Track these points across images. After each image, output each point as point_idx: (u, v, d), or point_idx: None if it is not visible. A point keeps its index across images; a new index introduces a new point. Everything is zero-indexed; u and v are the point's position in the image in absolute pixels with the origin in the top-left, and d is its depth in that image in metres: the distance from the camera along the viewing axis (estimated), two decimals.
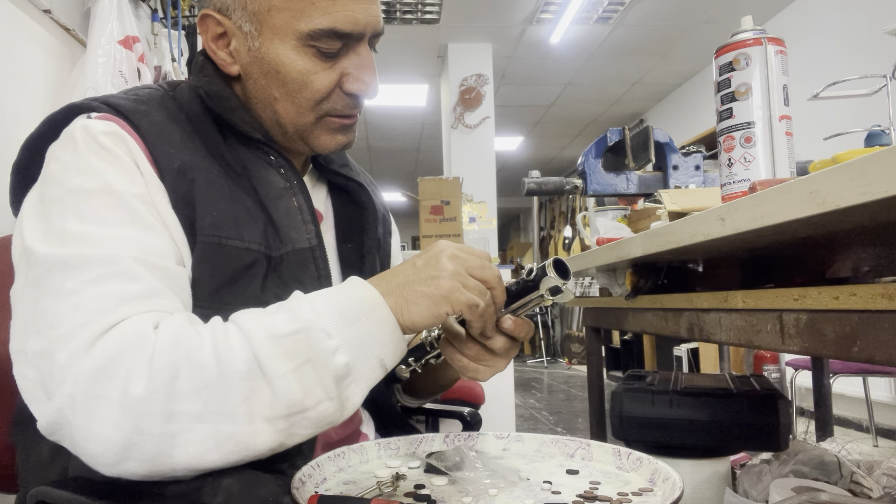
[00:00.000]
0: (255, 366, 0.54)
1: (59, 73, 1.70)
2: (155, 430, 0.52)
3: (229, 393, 0.53)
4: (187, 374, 0.53)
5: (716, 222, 0.65)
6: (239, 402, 0.53)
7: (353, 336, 0.57)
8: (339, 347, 0.56)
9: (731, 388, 1.17)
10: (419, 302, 0.59)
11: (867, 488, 1.00)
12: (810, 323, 0.61)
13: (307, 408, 0.55)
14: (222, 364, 0.53)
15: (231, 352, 0.54)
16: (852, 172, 0.43)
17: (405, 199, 3.79)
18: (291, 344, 0.55)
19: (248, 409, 0.54)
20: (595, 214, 1.63)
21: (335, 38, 0.68)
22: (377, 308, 0.59)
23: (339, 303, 0.58)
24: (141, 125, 0.66)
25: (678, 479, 0.59)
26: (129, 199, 0.61)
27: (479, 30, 4.89)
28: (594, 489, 0.63)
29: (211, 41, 0.72)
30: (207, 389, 0.53)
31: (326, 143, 0.75)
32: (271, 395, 0.54)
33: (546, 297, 0.64)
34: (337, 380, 0.56)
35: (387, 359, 0.60)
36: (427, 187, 3.18)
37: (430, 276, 0.60)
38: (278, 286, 0.69)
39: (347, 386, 0.57)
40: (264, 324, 0.56)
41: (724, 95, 0.84)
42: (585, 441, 0.75)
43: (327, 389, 0.56)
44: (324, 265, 0.73)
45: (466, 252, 0.63)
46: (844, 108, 3.39)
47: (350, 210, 0.85)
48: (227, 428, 0.53)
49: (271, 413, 0.54)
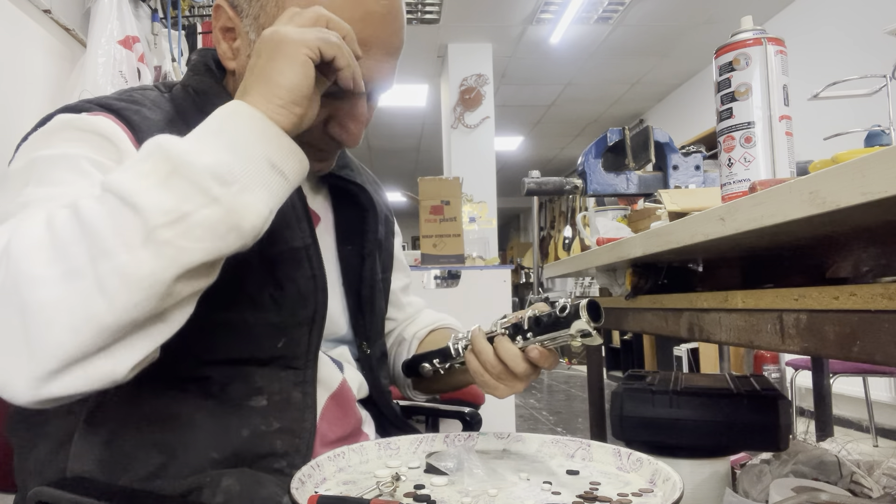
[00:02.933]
0: (112, 198, 0.49)
1: (59, 73, 1.70)
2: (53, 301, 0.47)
3: (95, 238, 0.48)
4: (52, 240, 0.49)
5: (716, 222, 0.65)
6: (106, 238, 0.48)
7: (221, 144, 0.52)
8: (203, 151, 0.51)
9: (731, 388, 1.17)
10: (279, 70, 0.54)
11: (867, 488, 1.00)
12: (810, 323, 0.61)
13: (187, 213, 0.49)
14: (81, 217, 0.49)
15: (86, 203, 0.50)
16: (852, 172, 0.43)
17: (405, 199, 3.79)
18: (149, 165, 0.50)
19: (121, 241, 0.48)
20: (595, 214, 1.63)
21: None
22: (238, 112, 0.54)
23: (198, 128, 0.54)
24: (132, 119, 0.66)
25: (678, 479, 0.59)
26: (85, 165, 0.61)
27: (479, 30, 4.88)
28: (594, 490, 0.63)
29: (219, 30, 0.72)
30: (74, 244, 0.48)
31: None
32: (136, 214, 0.48)
33: (575, 338, 0.64)
34: (217, 180, 0.50)
35: (274, 157, 0.54)
36: (427, 187, 3.17)
37: (272, 47, 0.55)
38: (272, 285, 0.69)
39: (237, 193, 0.51)
40: (122, 170, 0.51)
41: (724, 95, 0.84)
42: (586, 441, 0.75)
43: (206, 191, 0.49)
44: (318, 264, 0.73)
45: (292, 17, 0.59)
46: (844, 108, 3.39)
47: (350, 211, 0.85)
48: (103, 267, 0.47)
49: (145, 230, 0.48)
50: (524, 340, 0.66)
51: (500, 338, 0.68)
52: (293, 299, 0.71)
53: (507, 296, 3.18)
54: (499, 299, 3.13)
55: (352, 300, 0.84)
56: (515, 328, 0.67)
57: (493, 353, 0.67)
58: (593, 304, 0.63)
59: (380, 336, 0.89)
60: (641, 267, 1.08)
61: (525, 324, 0.66)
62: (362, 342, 0.84)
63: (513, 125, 7.19)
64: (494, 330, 0.69)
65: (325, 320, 0.74)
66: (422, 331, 0.98)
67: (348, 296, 0.84)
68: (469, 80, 5.14)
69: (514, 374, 0.67)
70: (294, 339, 0.71)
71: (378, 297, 0.87)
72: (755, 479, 1.04)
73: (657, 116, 6.70)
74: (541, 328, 0.65)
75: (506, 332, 0.67)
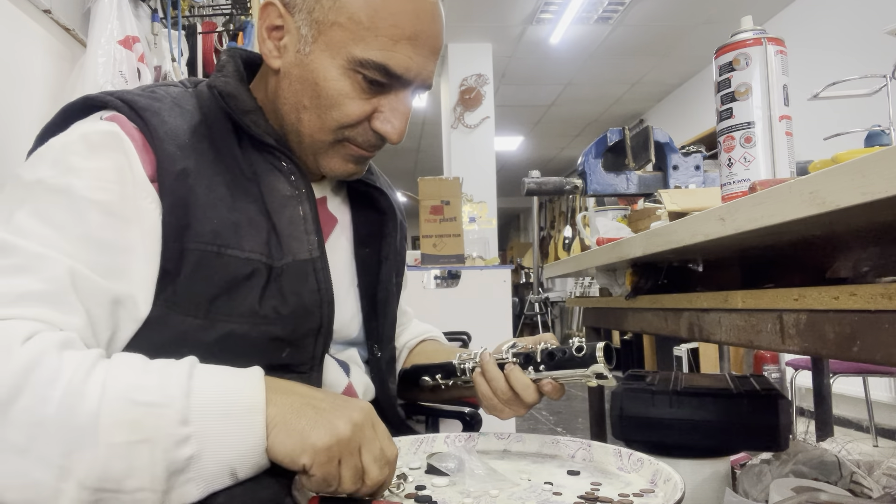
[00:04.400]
0: (94, 423, 0.49)
1: (59, 73, 1.70)
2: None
3: (56, 440, 0.48)
4: (25, 404, 0.48)
5: (716, 222, 0.65)
6: (60, 453, 0.48)
7: (213, 432, 0.52)
8: (189, 437, 0.51)
9: (731, 388, 1.17)
10: (290, 432, 0.54)
11: (867, 488, 1.00)
12: (810, 323, 0.61)
13: (122, 490, 0.49)
14: (63, 408, 0.49)
15: (79, 397, 0.50)
16: (852, 172, 0.43)
17: (405, 199, 3.79)
18: (141, 415, 0.50)
19: (66, 465, 0.48)
20: (595, 214, 1.63)
21: (384, 74, 0.68)
22: (253, 413, 0.53)
23: (217, 389, 0.53)
24: (150, 122, 0.66)
25: (679, 480, 0.59)
26: (84, 208, 0.60)
27: (479, 30, 4.89)
28: (595, 490, 0.63)
29: (265, 29, 0.72)
30: (37, 427, 0.48)
31: (336, 168, 0.75)
32: (92, 459, 0.49)
33: (591, 379, 0.66)
34: (170, 472, 0.50)
35: (240, 470, 0.53)
36: (427, 187, 3.17)
37: (320, 420, 0.54)
38: (276, 298, 0.68)
39: (183, 483, 0.51)
40: (130, 382, 0.52)
41: (724, 95, 0.84)
42: (586, 442, 0.75)
43: (154, 479, 0.50)
44: (324, 277, 0.72)
45: (378, 435, 0.57)
46: (844, 108, 3.39)
47: (369, 215, 0.85)
48: (37, 474, 0.48)
49: (84, 478, 0.48)
50: (536, 372, 0.68)
51: (512, 366, 0.69)
52: (297, 313, 0.70)
53: (507, 296, 3.18)
54: (499, 299, 3.14)
55: (366, 303, 0.83)
56: (527, 359, 0.69)
57: (505, 380, 0.69)
58: (608, 346, 0.66)
59: (391, 340, 0.89)
60: (641, 267, 1.08)
61: (538, 356, 0.68)
62: (374, 345, 0.84)
63: (513, 125, 7.19)
64: (505, 357, 0.70)
65: (331, 330, 0.74)
66: (412, 341, 0.99)
67: (363, 298, 0.83)
68: (469, 80, 5.14)
69: (524, 402, 0.69)
70: (299, 348, 0.71)
71: (392, 301, 0.87)
72: (755, 479, 1.04)
73: (657, 116, 6.70)
74: (554, 363, 0.67)
75: (517, 361, 0.69)
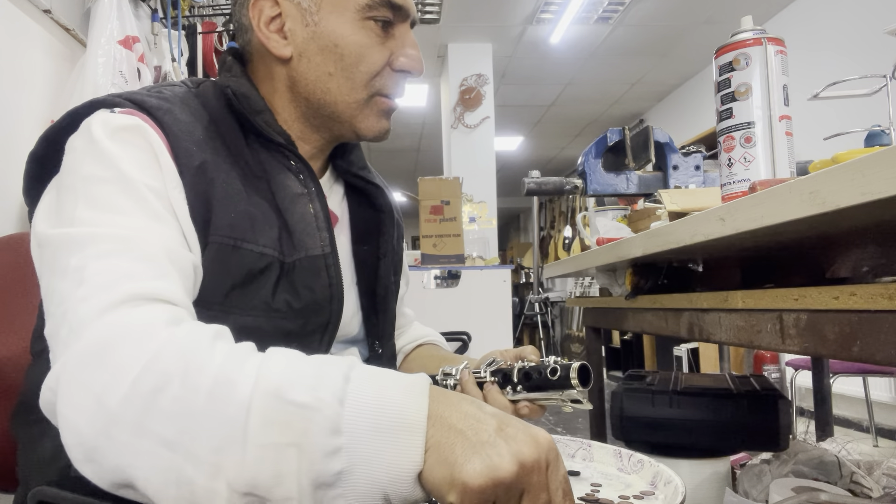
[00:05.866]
0: (243, 417, 0.45)
1: (59, 73, 1.70)
2: (122, 441, 0.46)
3: (205, 433, 0.45)
4: (174, 393, 0.46)
5: (716, 222, 0.65)
6: (210, 448, 0.45)
7: (365, 447, 0.44)
8: (339, 450, 0.44)
9: (731, 388, 1.17)
10: (443, 459, 0.44)
11: (867, 488, 1.00)
12: (810, 323, 0.61)
13: (270, 497, 0.44)
14: (214, 397, 0.46)
15: (230, 387, 0.46)
16: (852, 172, 0.43)
17: (405, 199, 3.79)
18: (291, 416, 0.45)
19: (217, 461, 0.45)
20: (595, 214, 1.63)
21: (389, 8, 0.73)
22: (413, 432, 0.45)
23: (376, 397, 0.46)
24: (164, 121, 0.66)
25: (680, 483, 0.59)
26: (141, 189, 0.60)
27: (479, 30, 4.88)
28: (595, 492, 0.63)
29: (263, 26, 0.73)
30: (187, 418, 0.45)
31: (373, 126, 0.77)
32: (241, 460, 0.44)
33: (566, 403, 0.66)
34: (317, 485, 0.44)
35: (392, 497, 0.45)
36: (427, 187, 3.17)
37: (482, 450, 0.44)
38: (289, 292, 0.69)
39: (332, 500, 0.45)
40: (284, 376, 0.47)
41: (724, 95, 0.84)
42: (586, 442, 0.75)
43: (301, 489, 0.44)
44: (336, 273, 0.74)
45: (550, 481, 0.45)
46: (844, 108, 3.39)
47: (367, 212, 0.86)
48: (189, 471, 0.45)
49: (234, 479, 0.45)
50: (514, 392, 0.67)
51: (490, 386, 0.69)
52: (309, 308, 0.71)
53: (507, 296, 3.18)
54: (499, 299, 3.14)
55: (366, 300, 0.84)
56: (505, 378, 0.68)
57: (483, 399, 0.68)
58: (584, 368, 0.64)
59: (390, 337, 0.89)
60: (641, 267, 1.08)
61: (514, 376, 0.67)
62: (374, 341, 0.85)
63: (513, 125, 7.19)
64: (484, 376, 0.70)
65: (338, 327, 0.75)
66: (409, 345, 1.00)
67: (362, 296, 0.84)
68: (469, 80, 5.14)
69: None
70: (305, 344, 0.72)
71: (391, 298, 0.87)
72: (755, 479, 1.04)
73: (657, 116, 6.70)
74: (530, 384, 0.66)
75: (495, 380, 0.69)
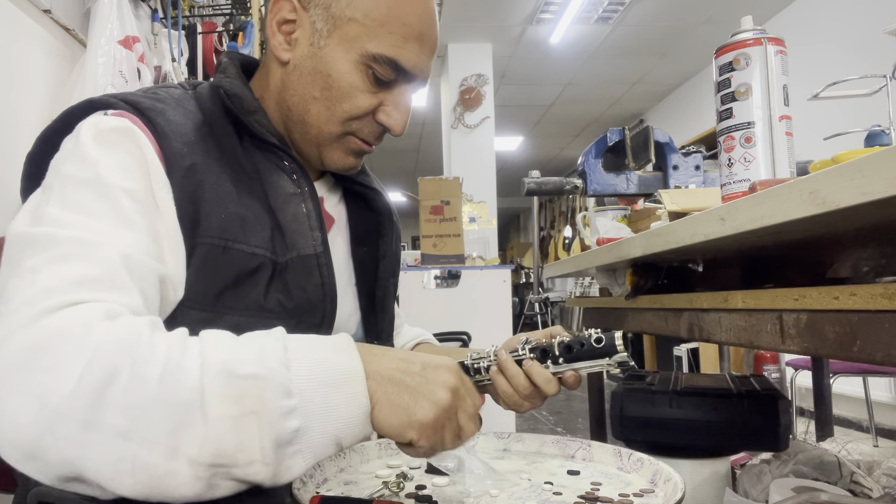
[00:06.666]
0: (198, 398, 0.47)
1: (59, 73, 1.70)
2: (70, 437, 0.46)
3: (160, 418, 0.47)
4: (124, 385, 0.47)
5: (716, 222, 0.65)
6: (166, 431, 0.47)
7: (316, 403, 0.50)
8: (294, 409, 0.49)
9: (731, 388, 1.17)
10: (395, 408, 0.53)
11: (867, 488, 1.00)
12: (810, 323, 0.61)
13: (236, 464, 0.48)
14: (165, 384, 0.47)
15: (179, 373, 0.48)
16: (852, 172, 0.43)
17: (405, 199, 3.79)
18: (244, 388, 0.49)
19: (174, 443, 0.47)
20: (595, 214, 1.63)
21: (393, 69, 0.72)
22: (353, 383, 0.52)
23: (316, 360, 0.52)
24: (156, 122, 0.66)
25: (679, 480, 0.59)
26: (115, 193, 0.60)
27: (479, 30, 4.89)
28: (595, 490, 0.63)
29: (275, 22, 0.74)
30: (139, 407, 0.46)
31: (337, 161, 0.78)
32: (203, 436, 0.47)
33: (614, 367, 0.67)
34: (278, 444, 0.49)
35: (344, 440, 0.52)
36: (427, 187, 3.17)
37: (421, 392, 0.54)
38: (281, 292, 0.69)
39: (291, 455, 0.50)
40: (227, 355, 0.50)
41: (724, 95, 0.84)
42: (586, 441, 0.76)
43: (264, 451, 0.48)
44: (328, 272, 0.74)
45: (467, 391, 0.58)
46: (844, 108, 3.39)
47: (366, 215, 0.87)
48: (145, 456, 0.46)
49: (197, 455, 0.47)
50: (555, 365, 0.68)
51: (530, 362, 0.70)
52: (301, 308, 0.71)
53: (507, 296, 3.18)
54: (499, 299, 3.13)
55: (365, 300, 0.85)
56: (544, 353, 0.69)
57: (525, 376, 0.69)
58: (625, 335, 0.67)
59: (389, 336, 0.90)
60: (641, 267, 1.08)
61: (556, 349, 0.69)
62: (373, 341, 0.85)
63: (513, 125, 7.20)
64: (521, 353, 0.71)
65: (332, 327, 0.75)
66: (408, 344, 1.01)
67: (361, 296, 0.85)
68: (469, 80, 5.14)
69: (543, 395, 0.70)
70: None
71: (389, 299, 0.88)
72: (755, 479, 1.04)
73: (657, 116, 6.70)
74: (573, 355, 0.68)
75: (534, 356, 0.70)
